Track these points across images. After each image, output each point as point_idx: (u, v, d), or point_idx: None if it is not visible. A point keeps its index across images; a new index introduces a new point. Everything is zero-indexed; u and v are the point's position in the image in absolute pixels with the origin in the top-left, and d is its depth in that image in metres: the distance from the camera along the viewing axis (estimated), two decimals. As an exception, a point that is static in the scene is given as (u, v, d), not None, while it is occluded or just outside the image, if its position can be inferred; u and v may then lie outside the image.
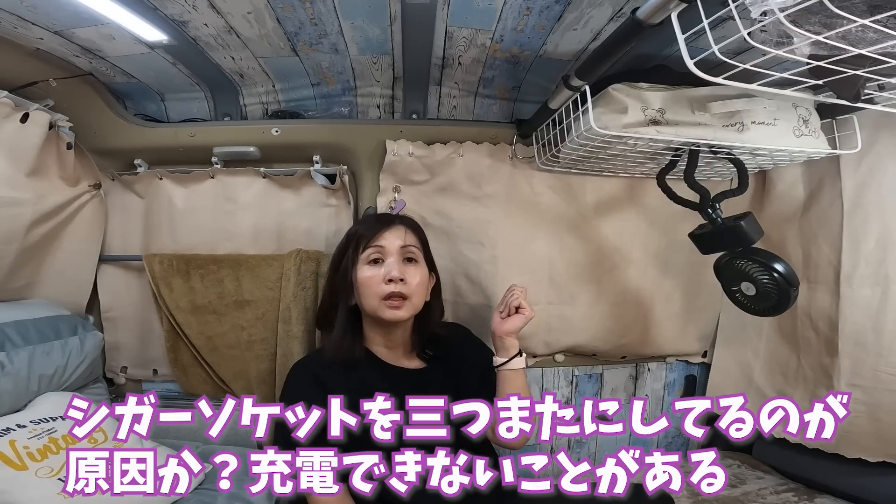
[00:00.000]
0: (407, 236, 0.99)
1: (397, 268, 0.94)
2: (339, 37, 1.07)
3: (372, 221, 1.03)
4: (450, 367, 1.03)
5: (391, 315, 0.94)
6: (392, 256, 0.95)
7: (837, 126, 1.12)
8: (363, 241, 0.96)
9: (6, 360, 1.00)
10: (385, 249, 0.96)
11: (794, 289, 0.99)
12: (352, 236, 1.00)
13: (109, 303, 1.42)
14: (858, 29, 0.59)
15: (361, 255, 0.96)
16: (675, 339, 1.52)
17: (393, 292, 0.92)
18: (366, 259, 0.96)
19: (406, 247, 0.98)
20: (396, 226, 1.00)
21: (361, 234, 0.97)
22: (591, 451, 1.59)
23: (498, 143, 1.36)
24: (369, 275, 0.94)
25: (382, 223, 0.99)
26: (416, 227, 1.04)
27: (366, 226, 1.01)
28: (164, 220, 1.39)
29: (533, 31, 1.02)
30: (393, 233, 0.98)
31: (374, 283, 0.93)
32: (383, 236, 0.96)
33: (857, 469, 1.21)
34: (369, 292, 0.94)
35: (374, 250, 0.96)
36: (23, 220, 1.13)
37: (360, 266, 0.95)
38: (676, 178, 1.13)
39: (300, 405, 0.84)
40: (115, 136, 1.32)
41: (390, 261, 0.95)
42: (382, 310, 0.93)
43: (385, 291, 0.92)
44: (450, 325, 1.14)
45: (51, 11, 0.92)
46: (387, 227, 0.98)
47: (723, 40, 0.68)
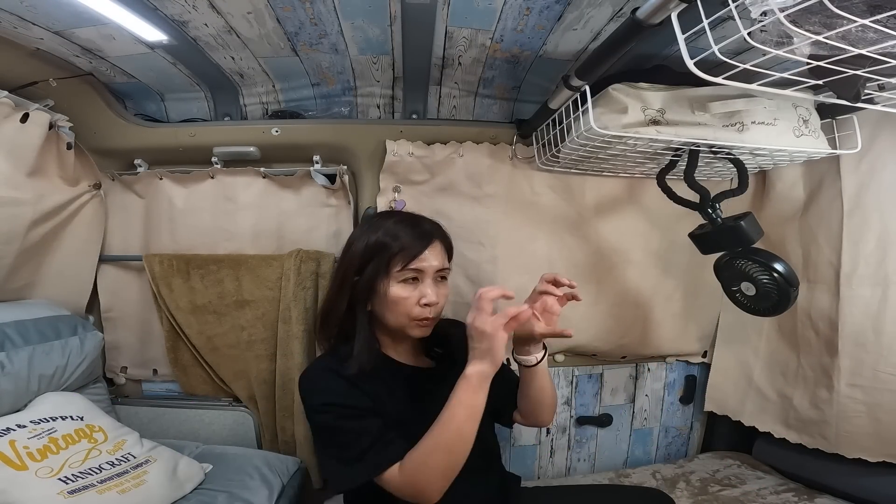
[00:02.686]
0: (444, 257, 0.95)
1: (434, 291, 0.90)
2: (339, 37, 1.07)
3: (409, 237, 0.90)
4: (459, 362, 1.02)
5: (420, 333, 0.92)
6: (429, 278, 0.91)
7: (837, 126, 1.12)
8: (402, 259, 0.88)
9: (6, 360, 1.00)
10: (424, 273, 0.90)
11: (794, 289, 0.99)
12: (384, 247, 0.90)
13: (109, 303, 1.42)
14: (858, 29, 0.59)
15: (396, 271, 0.89)
16: (676, 339, 1.52)
17: (427, 316, 0.90)
18: (401, 277, 0.89)
19: (442, 269, 0.94)
20: (435, 244, 0.93)
21: (400, 250, 0.89)
22: (591, 451, 1.59)
23: (498, 143, 1.36)
24: (403, 294, 0.89)
25: (423, 240, 0.91)
26: (448, 240, 0.99)
27: (402, 242, 0.90)
28: (164, 220, 1.39)
29: (533, 31, 1.02)
30: (432, 253, 0.92)
31: (408, 305, 0.89)
32: (424, 257, 0.90)
33: (857, 469, 1.21)
34: (400, 311, 0.89)
35: (413, 273, 0.89)
36: (23, 220, 1.13)
37: (393, 282, 0.89)
38: (676, 178, 1.13)
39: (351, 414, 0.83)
40: (115, 136, 1.32)
41: (427, 282, 0.91)
42: (411, 328, 0.91)
43: (420, 315, 0.90)
44: (450, 321, 1.13)
45: (51, 11, 0.92)
46: (427, 246, 0.91)
47: (723, 40, 0.68)
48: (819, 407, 1.26)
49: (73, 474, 0.93)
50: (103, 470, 0.97)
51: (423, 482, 0.78)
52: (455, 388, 0.79)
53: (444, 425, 0.78)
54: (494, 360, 0.77)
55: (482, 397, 0.78)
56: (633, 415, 1.61)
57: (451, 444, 0.77)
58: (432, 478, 0.78)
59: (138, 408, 1.40)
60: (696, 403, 1.63)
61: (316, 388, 0.87)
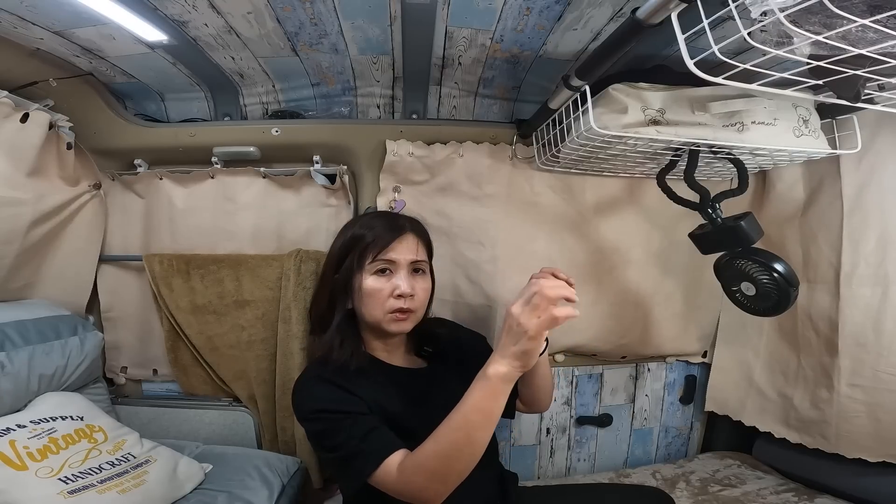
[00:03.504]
0: (419, 249, 0.95)
1: (407, 282, 0.90)
2: (339, 37, 1.07)
3: (381, 227, 0.92)
4: (451, 360, 1.01)
5: (397, 328, 0.91)
6: (402, 269, 0.91)
7: (837, 126, 1.12)
8: (372, 251, 0.90)
9: (6, 360, 1.00)
10: (396, 263, 0.91)
11: (794, 289, 0.99)
12: (357, 240, 0.92)
13: (109, 303, 1.42)
14: (858, 29, 0.59)
15: (368, 263, 0.90)
16: (676, 339, 1.52)
17: (401, 308, 0.89)
18: (372, 269, 0.90)
19: (416, 261, 0.94)
20: (408, 235, 0.94)
21: (371, 242, 0.90)
22: (591, 451, 1.59)
23: (498, 143, 1.36)
24: (376, 287, 0.89)
25: (393, 232, 0.92)
26: (425, 235, 1.00)
27: (374, 232, 0.92)
28: (164, 220, 1.39)
29: (533, 31, 1.02)
30: (405, 244, 0.92)
31: (381, 297, 0.89)
32: (394, 248, 0.91)
33: (857, 469, 1.21)
34: (374, 304, 0.89)
35: (384, 263, 0.90)
36: (23, 220, 1.13)
37: (366, 275, 0.90)
38: (676, 178, 1.13)
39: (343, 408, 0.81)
40: (115, 136, 1.32)
41: (400, 274, 0.91)
42: (388, 323, 0.90)
43: (393, 306, 0.89)
44: (437, 320, 1.13)
45: (51, 11, 0.92)
46: (398, 238, 0.92)
47: (723, 40, 0.68)
48: (819, 407, 1.26)
49: (73, 474, 0.93)
50: (103, 470, 0.97)
51: (422, 487, 0.73)
52: (471, 389, 0.72)
53: (453, 430, 0.71)
54: (526, 364, 0.69)
55: (502, 402, 0.70)
56: (633, 415, 1.60)
57: (458, 451, 0.71)
58: (433, 483, 0.72)
59: (138, 408, 1.40)
60: (696, 403, 1.63)
61: (306, 396, 0.86)
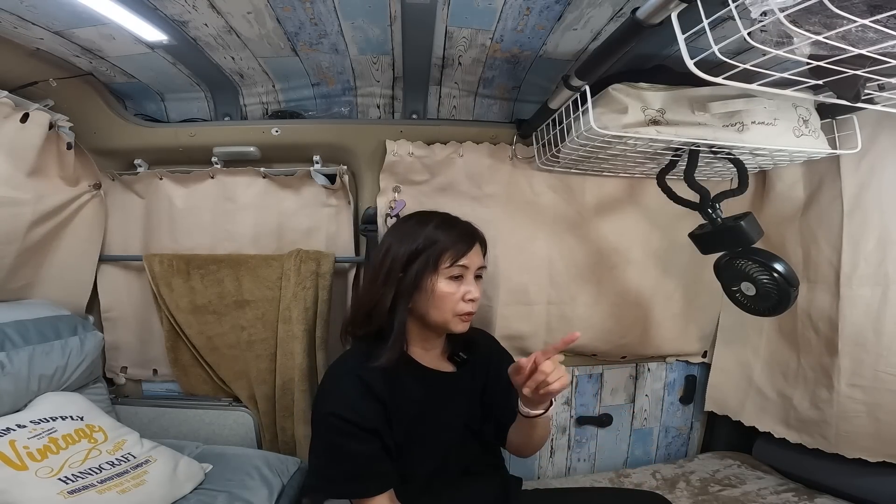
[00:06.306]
0: (483, 257, 1.02)
1: (476, 288, 0.97)
2: (339, 37, 1.07)
3: (458, 234, 0.98)
4: (477, 372, 1.06)
5: (462, 328, 0.97)
6: (471, 275, 0.97)
7: (837, 126, 1.12)
8: (449, 257, 0.94)
9: (6, 360, 1.00)
10: (468, 269, 0.97)
11: (794, 289, 0.99)
12: (432, 244, 0.95)
13: (109, 303, 1.42)
14: (858, 29, 0.59)
15: (444, 268, 0.94)
16: (676, 339, 1.52)
17: (469, 311, 0.96)
18: (448, 273, 0.95)
19: (481, 268, 1.00)
20: (477, 245, 1.00)
21: (447, 248, 0.94)
22: (591, 451, 1.59)
23: (498, 143, 1.36)
24: (449, 290, 0.94)
25: (468, 241, 0.98)
26: (486, 244, 1.05)
27: (450, 238, 0.96)
28: (164, 220, 1.39)
29: (533, 31, 1.02)
30: (476, 252, 0.98)
31: (453, 300, 0.94)
32: (469, 256, 0.96)
33: (857, 469, 1.21)
34: (445, 307, 0.94)
35: (460, 269, 0.95)
36: (23, 220, 1.13)
37: (441, 278, 0.94)
38: (676, 178, 1.13)
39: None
40: (115, 136, 1.32)
41: (470, 279, 0.97)
42: (455, 324, 0.96)
43: (463, 310, 0.95)
44: (478, 330, 1.15)
45: (51, 11, 0.92)
46: (472, 246, 0.98)
47: (723, 40, 0.68)
48: (819, 407, 1.26)
49: (73, 474, 0.93)
50: (103, 470, 0.97)
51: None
52: None
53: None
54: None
55: None
56: (633, 415, 1.61)
57: None
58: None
59: (138, 408, 1.40)
60: (696, 403, 1.63)
61: (330, 391, 0.91)
